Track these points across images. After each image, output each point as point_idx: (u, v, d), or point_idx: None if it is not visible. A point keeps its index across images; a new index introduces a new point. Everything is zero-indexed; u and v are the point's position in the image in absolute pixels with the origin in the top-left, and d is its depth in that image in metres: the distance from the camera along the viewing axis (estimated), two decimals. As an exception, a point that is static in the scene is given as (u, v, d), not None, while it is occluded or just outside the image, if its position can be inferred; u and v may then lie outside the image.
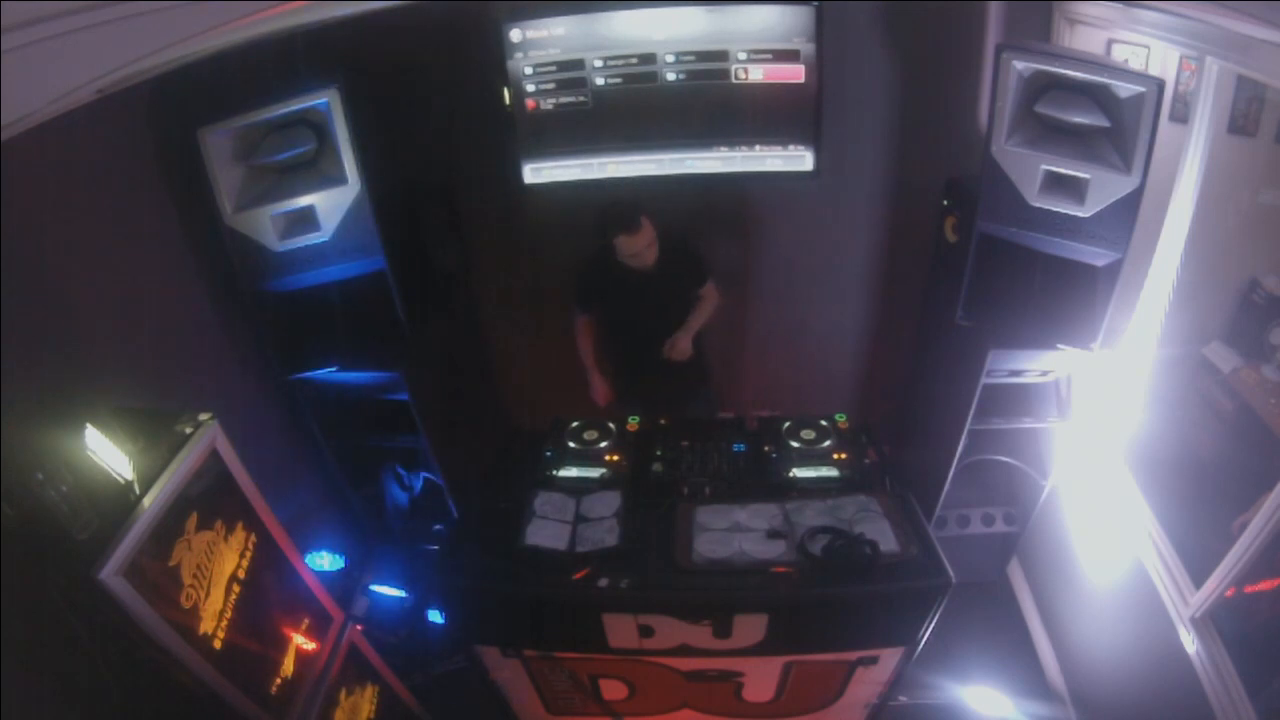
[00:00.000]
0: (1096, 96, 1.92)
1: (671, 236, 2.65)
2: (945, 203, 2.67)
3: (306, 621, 2.11)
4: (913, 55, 2.80)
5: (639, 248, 2.49)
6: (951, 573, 1.83)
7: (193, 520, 1.67)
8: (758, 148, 2.56)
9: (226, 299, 2.39)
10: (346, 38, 2.41)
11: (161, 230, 2.23)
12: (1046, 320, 2.28)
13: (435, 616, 2.91)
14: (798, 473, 2.17)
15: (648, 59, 2.43)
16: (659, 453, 2.28)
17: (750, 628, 1.96)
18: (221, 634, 1.74)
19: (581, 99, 2.50)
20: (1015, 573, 3.19)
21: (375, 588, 3.01)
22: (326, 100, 2.08)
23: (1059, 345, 2.30)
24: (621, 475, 2.19)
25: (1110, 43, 2.36)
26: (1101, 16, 2.37)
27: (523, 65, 2.46)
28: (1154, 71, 2.10)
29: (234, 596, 1.79)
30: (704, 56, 2.42)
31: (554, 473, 2.21)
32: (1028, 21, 2.67)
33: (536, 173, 2.62)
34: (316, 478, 2.86)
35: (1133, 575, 2.25)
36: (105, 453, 1.53)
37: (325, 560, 2.68)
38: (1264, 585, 1.77)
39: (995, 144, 2.06)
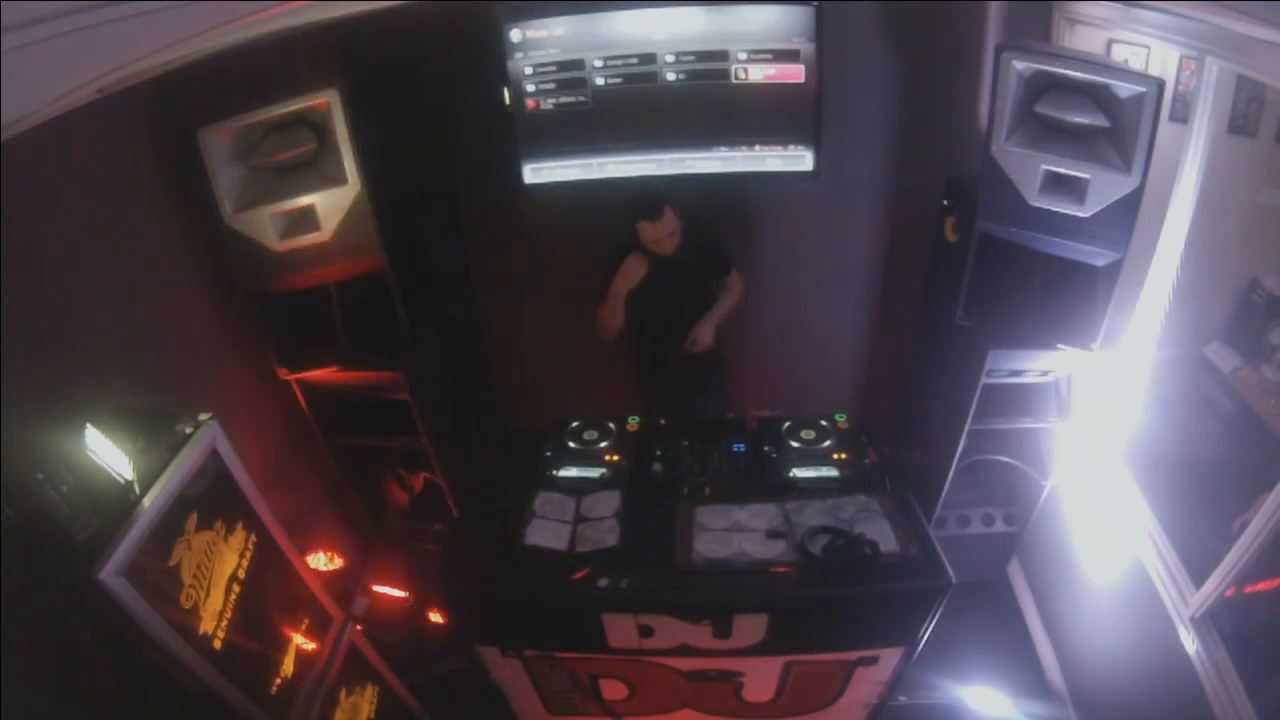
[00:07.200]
0: (1096, 96, 1.91)
1: (699, 227, 2.66)
2: (945, 203, 2.67)
3: (306, 621, 2.11)
4: (913, 55, 2.80)
5: (660, 235, 2.52)
6: (951, 573, 1.83)
7: (193, 520, 1.67)
8: (758, 148, 2.55)
9: (226, 299, 2.39)
10: (346, 38, 2.41)
11: (161, 230, 2.23)
12: (1046, 320, 2.28)
13: (435, 616, 2.91)
14: (798, 473, 2.17)
15: (648, 59, 2.43)
16: (659, 453, 2.28)
17: (750, 628, 1.96)
18: (221, 634, 1.74)
19: (581, 99, 2.49)
20: (1015, 573, 3.19)
21: (375, 588, 3.01)
22: (326, 100, 2.08)
23: (1059, 345, 2.29)
24: (621, 475, 2.19)
25: (1110, 43, 2.36)
26: (1101, 16, 2.37)
27: (523, 65, 2.46)
28: (1154, 71, 2.10)
29: (234, 596, 1.79)
30: (704, 56, 2.42)
31: (554, 473, 2.21)
32: (1028, 21, 2.67)
33: (536, 173, 2.62)
34: (316, 478, 2.86)
35: (1133, 575, 2.25)
36: (105, 453, 1.53)
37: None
38: (1264, 585, 1.77)
39: (995, 144, 2.06)
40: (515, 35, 2.42)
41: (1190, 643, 1.94)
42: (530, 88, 2.49)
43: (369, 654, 2.44)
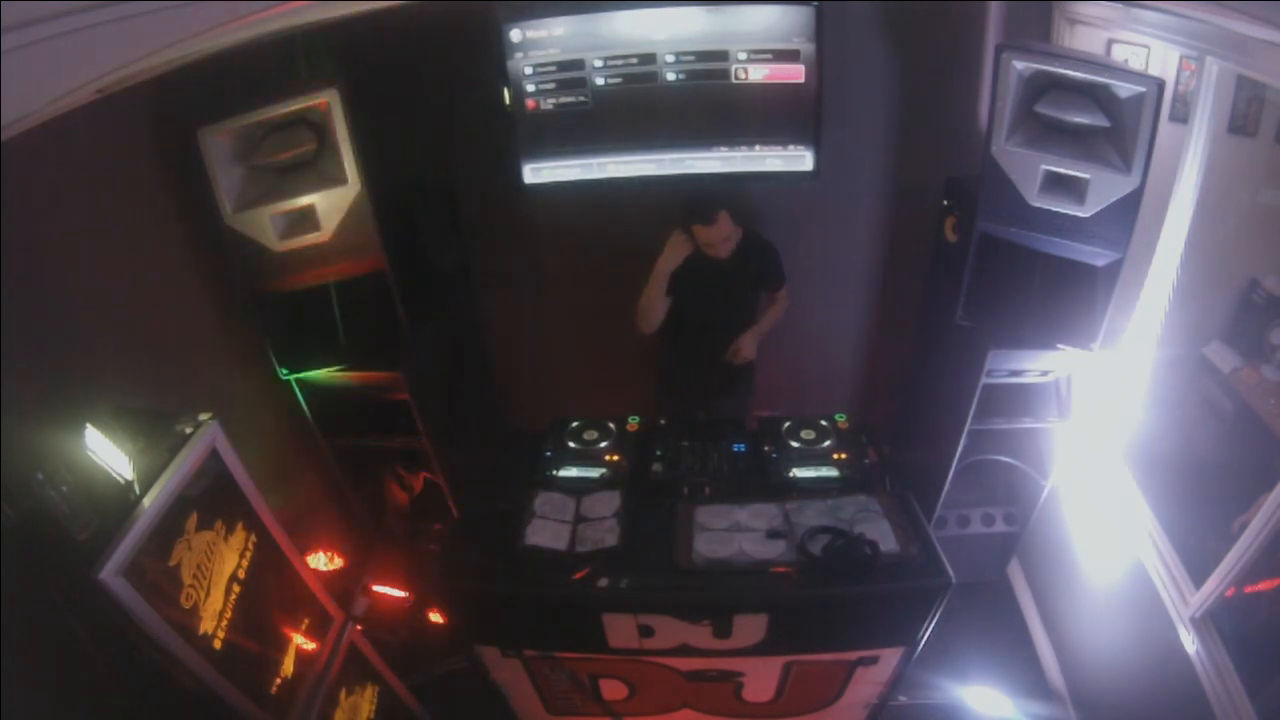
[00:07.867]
0: (1096, 96, 1.91)
1: (756, 237, 2.67)
2: (945, 203, 2.68)
3: (306, 621, 2.11)
4: (913, 55, 2.80)
5: (714, 239, 2.53)
6: (951, 573, 1.83)
7: (193, 520, 1.67)
8: (758, 148, 2.55)
9: (226, 299, 2.39)
10: (346, 38, 2.41)
11: (161, 230, 2.23)
12: (1046, 320, 2.28)
13: (435, 616, 2.91)
14: (798, 473, 2.17)
15: (648, 59, 2.43)
16: (659, 453, 2.28)
17: (750, 628, 1.96)
18: (221, 634, 1.74)
19: (581, 99, 2.49)
20: (1015, 573, 3.19)
21: (375, 588, 3.01)
22: (326, 100, 2.08)
23: (1059, 345, 2.30)
24: (621, 475, 2.19)
25: (1110, 43, 2.36)
26: (1101, 16, 2.37)
27: (523, 65, 2.46)
28: (1154, 71, 2.10)
29: (234, 596, 1.79)
30: (704, 56, 2.42)
31: (554, 473, 2.21)
32: (1028, 21, 2.67)
33: (536, 173, 2.62)
34: (316, 478, 2.86)
35: (1133, 575, 2.25)
36: (105, 453, 1.53)
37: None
38: (1264, 585, 1.77)
39: (995, 144, 2.06)
40: (515, 35, 2.42)
41: (1190, 643, 1.94)
42: (530, 88, 2.49)
43: (369, 654, 2.44)
